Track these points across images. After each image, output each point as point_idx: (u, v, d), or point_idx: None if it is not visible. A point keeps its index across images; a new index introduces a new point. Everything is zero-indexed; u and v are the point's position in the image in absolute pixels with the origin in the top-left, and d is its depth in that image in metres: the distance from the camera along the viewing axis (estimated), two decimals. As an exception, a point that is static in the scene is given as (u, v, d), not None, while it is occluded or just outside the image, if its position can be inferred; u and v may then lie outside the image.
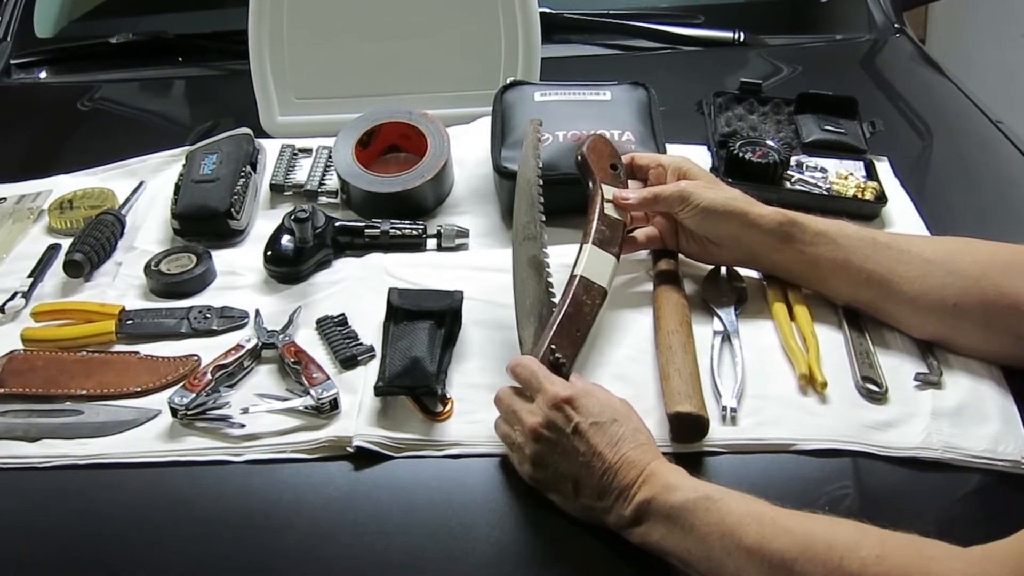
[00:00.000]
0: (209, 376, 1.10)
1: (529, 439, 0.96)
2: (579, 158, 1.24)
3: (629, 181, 1.24)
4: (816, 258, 1.13)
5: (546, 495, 0.97)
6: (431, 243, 1.35)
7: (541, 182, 1.24)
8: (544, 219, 1.20)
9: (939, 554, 0.78)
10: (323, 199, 1.46)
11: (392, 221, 1.35)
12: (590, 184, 1.22)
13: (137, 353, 1.19)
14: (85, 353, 1.19)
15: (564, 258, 1.17)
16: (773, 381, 1.10)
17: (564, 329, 1.08)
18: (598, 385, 1.01)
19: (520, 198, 1.22)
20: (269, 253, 1.30)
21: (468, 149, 1.51)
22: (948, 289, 1.07)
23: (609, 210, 1.19)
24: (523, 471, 0.98)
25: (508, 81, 1.50)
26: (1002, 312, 1.04)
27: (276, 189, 1.48)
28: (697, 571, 0.86)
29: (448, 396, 1.09)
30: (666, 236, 1.23)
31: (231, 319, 1.23)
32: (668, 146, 1.39)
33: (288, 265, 1.29)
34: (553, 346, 1.06)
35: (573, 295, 1.10)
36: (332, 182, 1.47)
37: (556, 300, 1.12)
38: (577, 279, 1.12)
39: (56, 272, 1.34)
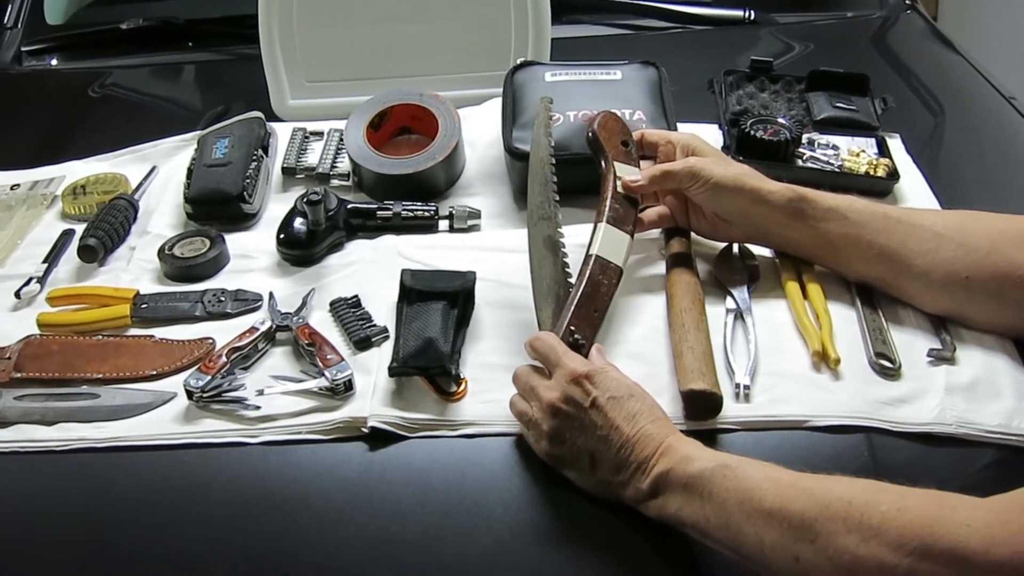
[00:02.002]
0: (224, 359, 1.11)
1: (547, 414, 0.96)
2: (590, 135, 1.24)
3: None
4: (827, 234, 1.13)
5: (562, 472, 0.97)
6: (443, 224, 1.36)
7: (554, 161, 1.24)
8: (558, 198, 1.20)
9: (959, 504, 0.78)
10: (335, 182, 1.46)
11: (404, 203, 1.35)
12: (602, 162, 1.22)
13: (152, 337, 1.19)
14: (100, 337, 1.20)
15: (579, 238, 1.17)
16: (786, 358, 1.10)
17: (582, 310, 1.08)
18: (613, 366, 1.01)
19: (533, 178, 1.22)
20: (282, 236, 1.30)
21: (479, 130, 1.52)
22: (960, 262, 1.07)
23: (622, 187, 1.19)
24: (539, 448, 0.98)
25: (518, 62, 1.50)
26: (1014, 284, 1.04)
27: (288, 172, 1.48)
28: (716, 540, 0.86)
29: (462, 376, 1.09)
30: (677, 215, 1.23)
31: (245, 302, 1.23)
32: (679, 125, 1.38)
33: (301, 248, 1.30)
34: (572, 327, 1.06)
35: (590, 275, 1.11)
36: (344, 164, 1.47)
37: (573, 280, 1.13)
38: (593, 259, 1.12)
39: (70, 257, 1.35)
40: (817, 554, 0.79)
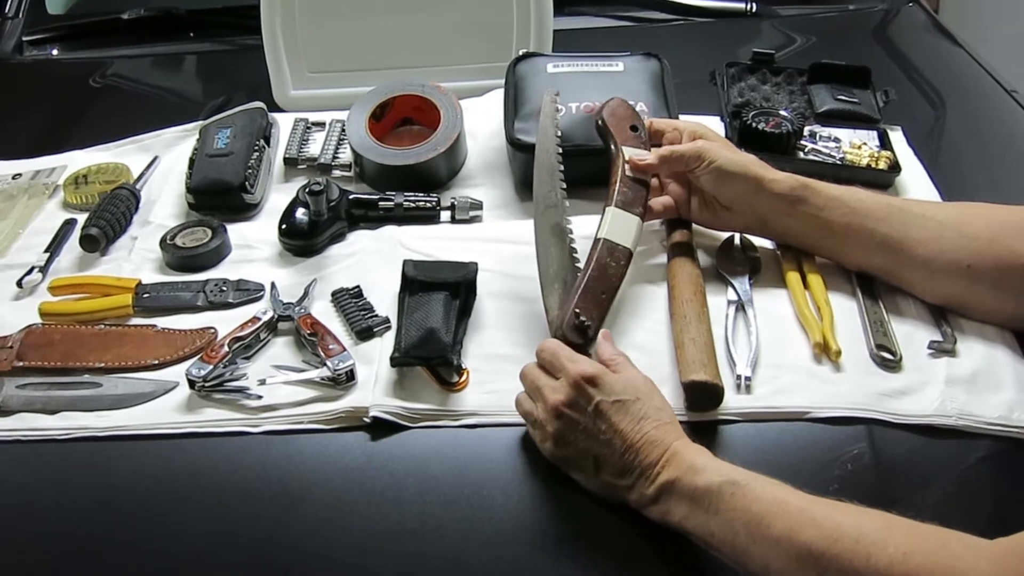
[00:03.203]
0: (226, 348, 1.11)
1: (551, 416, 0.95)
2: (599, 122, 1.25)
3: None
4: (829, 222, 1.13)
5: (567, 472, 0.97)
6: (445, 215, 1.36)
7: (560, 150, 1.24)
8: (565, 186, 1.20)
9: (963, 551, 0.77)
10: (337, 172, 1.46)
11: (406, 194, 1.35)
12: (611, 147, 1.22)
13: (154, 326, 1.19)
14: (103, 326, 1.20)
15: (587, 228, 1.16)
16: (787, 350, 1.10)
17: (589, 293, 1.08)
18: (623, 354, 1.01)
19: (540, 168, 1.22)
20: (284, 226, 1.31)
21: (481, 121, 1.52)
22: (962, 251, 1.07)
23: (631, 171, 1.19)
24: (545, 448, 0.98)
25: (520, 53, 1.50)
26: (1016, 273, 1.04)
27: (290, 163, 1.48)
28: (720, 552, 0.86)
29: (464, 366, 1.10)
30: (680, 205, 1.24)
31: (247, 292, 1.23)
32: (681, 117, 1.38)
33: (303, 238, 1.30)
34: (577, 310, 1.06)
35: (597, 258, 1.10)
36: (346, 155, 1.47)
37: (580, 266, 1.13)
38: (600, 242, 1.12)
39: (72, 247, 1.35)
40: None
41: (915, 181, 1.38)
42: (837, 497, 0.84)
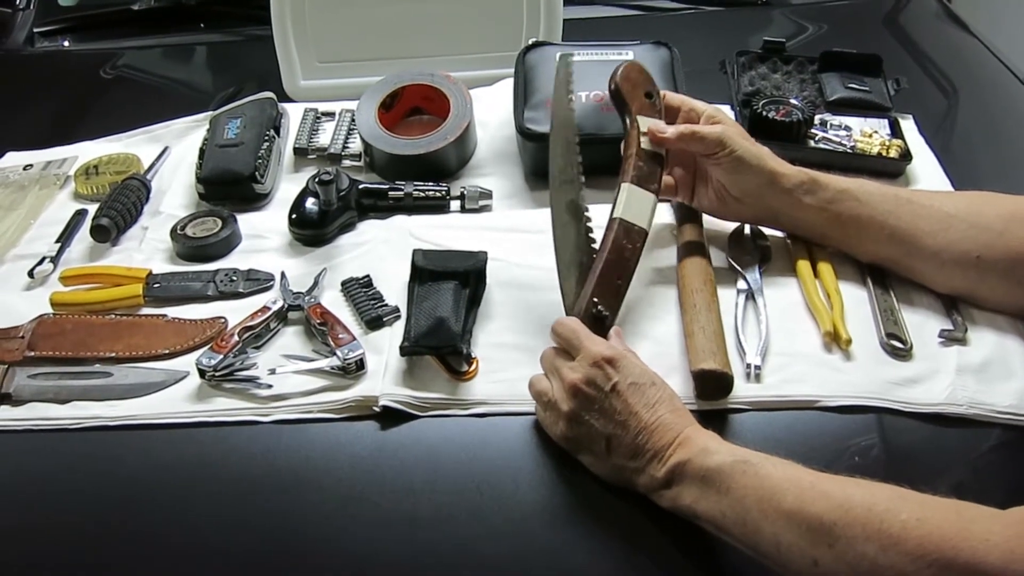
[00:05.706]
0: (236, 338, 1.11)
1: (567, 395, 0.95)
2: (612, 87, 1.20)
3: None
4: (838, 215, 1.13)
5: (577, 456, 0.97)
6: (454, 205, 1.36)
7: (577, 121, 1.22)
8: (580, 159, 1.18)
9: (978, 516, 0.77)
10: (347, 162, 1.46)
11: (415, 183, 1.35)
12: (625, 117, 1.19)
13: (165, 316, 1.20)
14: (113, 316, 1.20)
15: (600, 218, 1.14)
16: (798, 338, 1.09)
17: (605, 279, 1.06)
18: (633, 352, 1.01)
19: (555, 141, 1.19)
20: (294, 216, 1.31)
21: (491, 111, 1.51)
22: (972, 242, 1.07)
23: (646, 144, 1.15)
24: (557, 430, 0.98)
25: (530, 42, 1.49)
26: None
27: (300, 152, 1.49)
28: (731, 534, 0.85)
29: (473, 356, 1.10)
30: (681, 187, 1.22)
31: (257, 281, 1.23)
32: (691, 105, 1.38)
33: (313, 228, 1.30)
34: (595, 299, 1.05)
35: (613, 241, 1.08)
36: (355, 145, 1.47)
37: (596, 247, 1.11)
38: (617, 223, 1.10)
39: (83, 237, 1.35)
40: (836, 559, 0.78)
41: (926, 170, 1.37)
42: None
